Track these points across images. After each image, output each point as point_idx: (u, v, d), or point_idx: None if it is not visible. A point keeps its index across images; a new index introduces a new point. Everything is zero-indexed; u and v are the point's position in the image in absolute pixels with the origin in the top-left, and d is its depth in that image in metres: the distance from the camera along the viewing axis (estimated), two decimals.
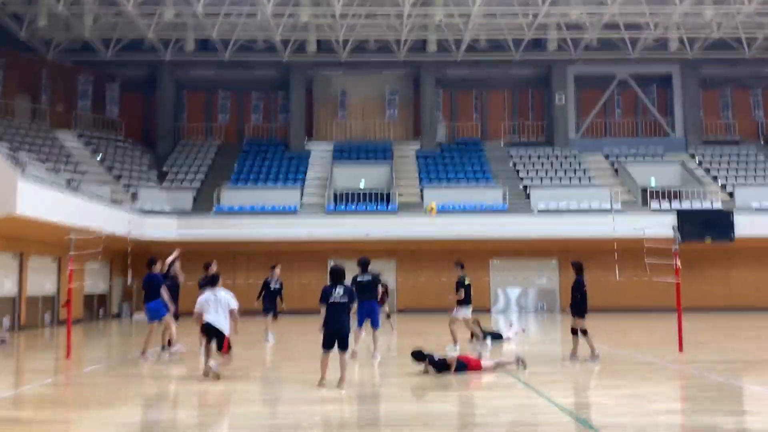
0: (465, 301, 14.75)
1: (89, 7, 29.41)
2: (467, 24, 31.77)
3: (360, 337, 13.50)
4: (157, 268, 13.61)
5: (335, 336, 9.46)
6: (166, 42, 33.89)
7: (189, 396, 9.63)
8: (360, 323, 13.45)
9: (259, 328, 17.37)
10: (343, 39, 33.40)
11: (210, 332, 10.76)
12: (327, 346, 9.53)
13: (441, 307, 27.71)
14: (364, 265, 13.28)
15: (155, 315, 13.35)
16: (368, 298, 13.01)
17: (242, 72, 35.69)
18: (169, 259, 14.55)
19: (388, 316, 15.13)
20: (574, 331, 13.04)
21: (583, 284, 12.99)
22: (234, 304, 10.81)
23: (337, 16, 30.38)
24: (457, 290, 14.60)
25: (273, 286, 16.98)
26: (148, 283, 13.36)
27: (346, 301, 9.48)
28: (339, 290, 9.48)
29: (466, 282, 14.71)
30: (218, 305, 10.71)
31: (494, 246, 29.29)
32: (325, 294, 9.54)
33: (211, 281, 11.18)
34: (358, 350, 13.22)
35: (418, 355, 11.38)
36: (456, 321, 14.94)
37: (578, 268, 13.06)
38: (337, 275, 9.64)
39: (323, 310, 9.53)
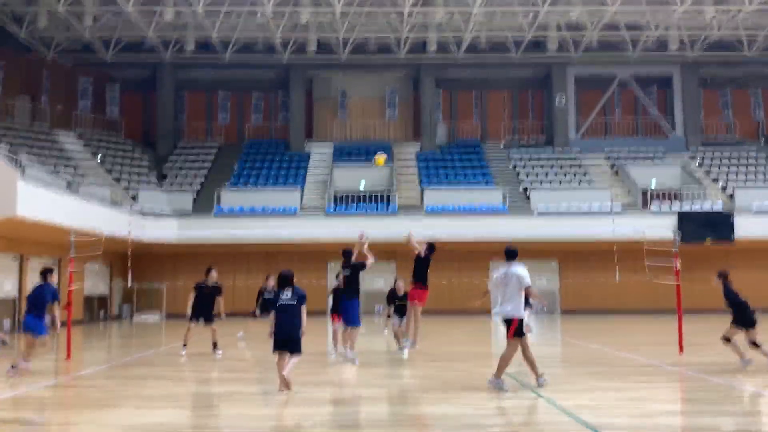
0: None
1: (89, 8, 29.41)
2: (467, 24, 31.78)
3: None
4: (54, 279, 12.55)
5: (284, 339, 9.35)
6: (167, 42, 33.90)
7: (189, 397, 9.62)
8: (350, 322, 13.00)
9: (260, 331, 17.37)
10: (343, 39, 33.40)
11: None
12: (276, 348, 9.41)
13: (441, 309, 27.79)
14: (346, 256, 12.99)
15: (35, 329, 11.94)
16: (349, 295, 12.79)
17: (242, 72, 35.70)
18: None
19: (389, 316, 15.00)
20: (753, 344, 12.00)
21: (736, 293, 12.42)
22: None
23: (337, 15, 30.39)
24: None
25: (267, 296, 16.98)
26: (36, 297, 12.13)
27: (294, 303, 9.39)
28: (287, 293, 9.43)
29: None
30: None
31: (494, 248, 29.18)
32: (273, 299, 9.63)
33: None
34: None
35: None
36: None
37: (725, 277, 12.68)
38: (283, 280, 9.60)
39: (272, 315, 9.52)
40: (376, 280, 31.11)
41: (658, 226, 26.16)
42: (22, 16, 30.48)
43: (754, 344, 11.87)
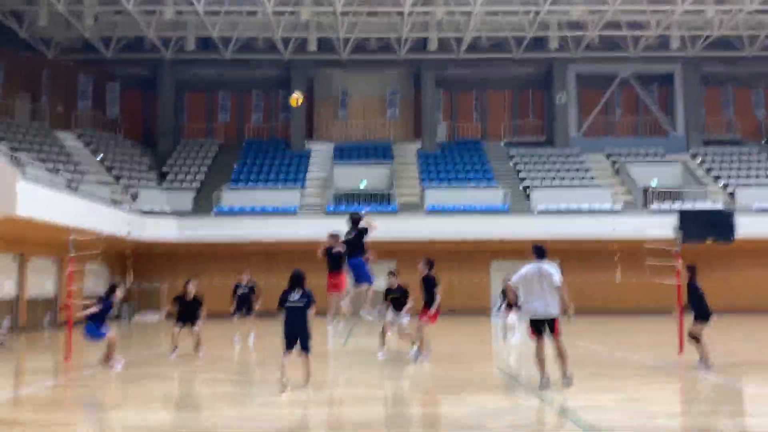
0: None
1: (89, 7, 29.39)
2: (468, 22, 31.74)
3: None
4: (117, 295, 12.76)
5: (293, 339, 9.51)
6: (167, 41, 33.87)
7: (189, 397, 9.60)
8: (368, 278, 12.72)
9: (266, 331, 17.35)
10: (344, 38, 33.36)
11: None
12: (287, 347, 9.57)
13: (441, 308, 27.71)
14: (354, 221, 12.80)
15: (94, 336, 12.46)
16: (353, 254, 12.49)
17: (243, 71, 35.66)
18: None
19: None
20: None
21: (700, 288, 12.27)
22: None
23: (337, 14, 30.35)
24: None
25: (241, 291, 17.13)
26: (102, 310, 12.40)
27: (303, 305, 9.54)
28: (295, 294, 9.59)
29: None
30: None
31: (495, 246, 29.25)
32: (282, 298, 9.69)
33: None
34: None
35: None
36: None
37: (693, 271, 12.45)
38: (295, 280, 9.74)
39: (282, 315, 9.65)
40: (376, 281, 31.10)
41: (659, 225, 26.13)
42: (22, 15, 30.47)
43: (697, 339, 12.05)
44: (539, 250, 10.20)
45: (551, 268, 9.95)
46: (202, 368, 12.68)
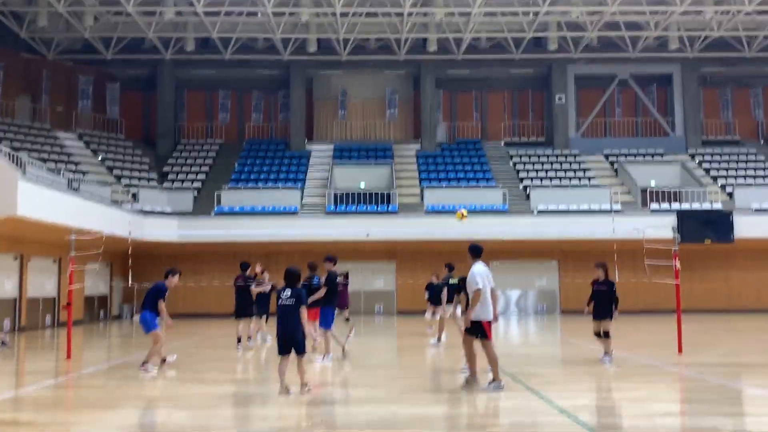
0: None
1: (90, 7, 29.43)
2: (467, 23, 31.79)
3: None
4: (172, 280, 12.74)
5: (286, 340, 9.21)
6: (167, 41, 33.90)
7: (189, 397, 9.63)
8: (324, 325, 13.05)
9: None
10: (344, 38, 33.41)
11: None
12: (281, 351, 9.27)
13: None
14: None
15: (145, 325, 12.26)
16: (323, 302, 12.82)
17: (243, 71, 35.70)
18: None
19: (347, 319, 14.89)
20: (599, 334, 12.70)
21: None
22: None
23: (337, 15, 30.39)
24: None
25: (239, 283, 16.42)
26: (150, 293, 12.31)
27: (293, 303, 9.20)
28: (287, 292, 9.27)
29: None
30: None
31: (494, 247, 29.22)
32: (276, 297, 9.43)
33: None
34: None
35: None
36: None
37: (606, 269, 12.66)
38: (289, 277, 9.42)
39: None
40: (376, 281, 31.17)
41: (658, 225, 26.12)
42: (22, 16, 30.50)
43: (606, 335, 12.53)
44: (477, 250, 9.92)
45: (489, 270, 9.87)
46: (203, 368, 12.71)
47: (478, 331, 9.60)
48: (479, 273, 9.62)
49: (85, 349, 16.83)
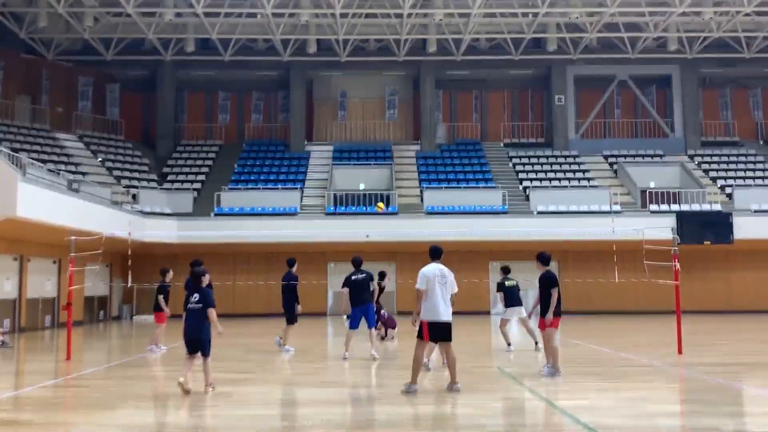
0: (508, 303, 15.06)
1: (89, 8, 29.44)
2: (467, 24, 31.82)
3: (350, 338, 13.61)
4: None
5: (191, 341, 9.52)
6: (167, 42, 33.92)
7: (189, 397, 9.63)
8: (355, 324, 13.47)
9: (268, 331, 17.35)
10: (343, 39, 33.43)
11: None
12: (189, 351, 9.60)
13: None
14: (357, 263, 13.56)
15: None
16: (364, 299, 13.38)
17: (242, 72, 35.73)
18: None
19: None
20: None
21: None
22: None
23: (337, 16, 30.41)
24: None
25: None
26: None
27: (200, 306, 9.47)
28: (195, 296, 9.57)
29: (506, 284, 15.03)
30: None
31: (494, 247, 29.32)
32: (185, 300, 9.67)
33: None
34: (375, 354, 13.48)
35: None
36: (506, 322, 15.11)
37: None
38: (193, 278, 9.74)
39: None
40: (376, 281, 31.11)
41: (658, 226, 26.17)
42: (22, 17, 30.51)
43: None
44: (436, 251, 9.85)
45: (449, 272, 9.68)
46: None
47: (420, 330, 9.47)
48: (425, 272, 9.53)
49: (85, 349, 16.83)
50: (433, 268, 9.60)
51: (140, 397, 9.73)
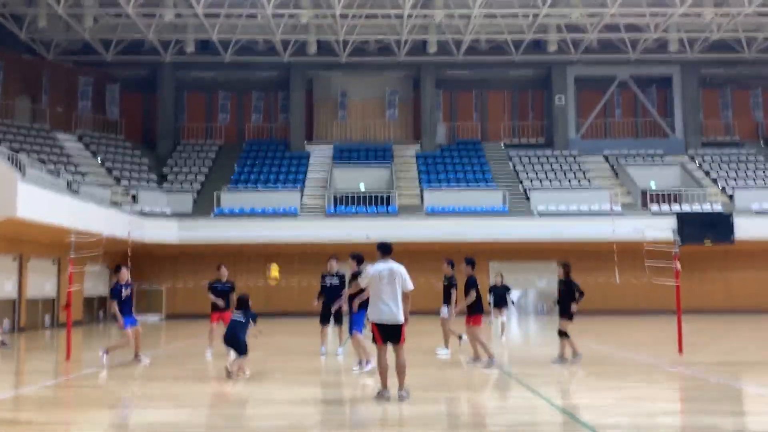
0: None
1: (89, 9, 29.44)
2: (467, 25, 31.82)
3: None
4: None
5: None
6: (167, 43, 33.92)
7: (189, 397, 9.63)
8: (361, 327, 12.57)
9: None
10: (344, 40, 33.42)
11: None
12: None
13: (439, 309, 27.71)
14: (360, 260, 12.43)
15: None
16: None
17: (242, 73, 35.72)
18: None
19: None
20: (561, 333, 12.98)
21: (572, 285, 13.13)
22: None
23: (337, 16, 30.41)
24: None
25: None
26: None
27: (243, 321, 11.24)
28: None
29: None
30: None
31: (494, 248, 29.28)
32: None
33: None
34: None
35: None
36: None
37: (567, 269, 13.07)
38: (242, 303, 11.30)
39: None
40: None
41: (658, 226, 26.16)
42: (22, 17, 30.50)
43: (565, 334, 13.14)
44: (385, 248, 9.12)
45: (402, 270, 8.93)
46: (203, 368, 12.70)
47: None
48: (369, 270, 9.06)
49: (84, 349, 16.81)
50: (380, 266, 8.90)
51: (140, 396, 9.72)
